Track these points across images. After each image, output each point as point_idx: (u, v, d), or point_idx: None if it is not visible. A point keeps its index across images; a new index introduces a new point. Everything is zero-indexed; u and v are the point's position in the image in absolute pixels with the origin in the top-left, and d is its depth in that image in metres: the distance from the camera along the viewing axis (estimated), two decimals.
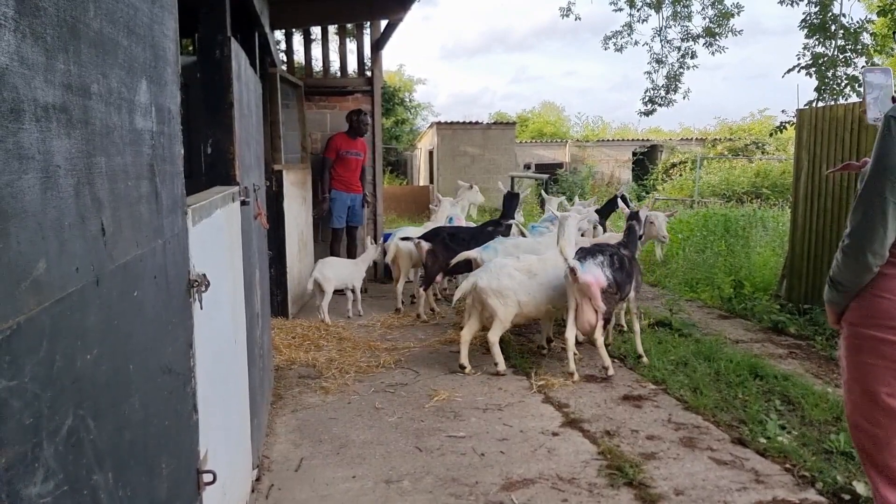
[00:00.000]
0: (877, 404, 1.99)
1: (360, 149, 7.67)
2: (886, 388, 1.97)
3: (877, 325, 1.98)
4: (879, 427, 2.00)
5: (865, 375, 2.01)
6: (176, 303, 1.53)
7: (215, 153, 2.82)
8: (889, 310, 1.94)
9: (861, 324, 2.03)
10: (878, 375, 1.98)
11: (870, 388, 2.00)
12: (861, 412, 2.06)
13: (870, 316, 2.00)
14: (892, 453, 1.98)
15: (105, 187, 1.04)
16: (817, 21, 8.58)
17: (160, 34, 1.45)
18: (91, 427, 0.96)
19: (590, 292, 4.45)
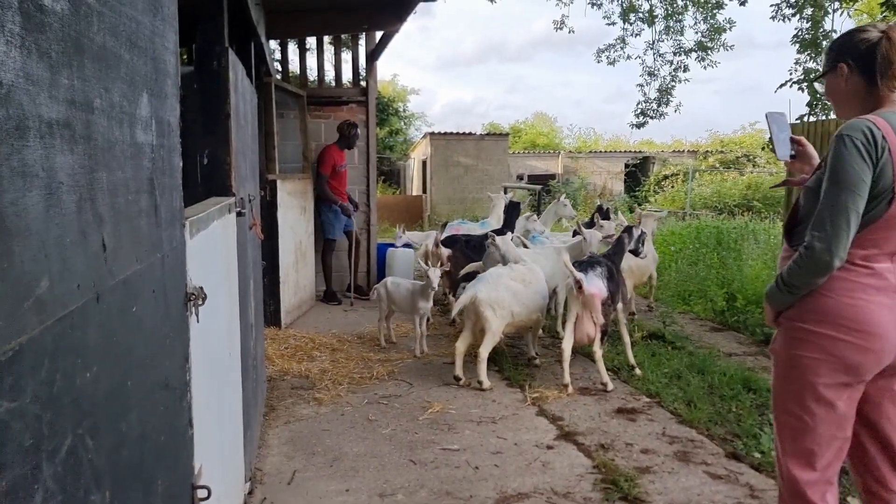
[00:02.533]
0: (813, 394, 2.13)
1: (345, 161, 7.80)
2: (823, 380, 2.11)
3: (818, 321, 2.12)
4: (810, 415, 2.15)
5: (805, 368, 2.15)
6: (173, 317, 1.52)
7: (212, 164, 2.81)
8: (831, 307, 2.09)
9: (803, 319, 2.15)
10: (816, 368, 2.12)
11: (808, 379, 2.14)
12: (794, 400, 2.19)
13: (812, 312, 2.13)
14: (814, 439, 2.14)
15: (106, 202, 1.04)
16: (809, 37, 8.66)
17: (161, 47, 1.45)
18: (90, 446, 0.94)
19: (593, 304, 4.48)
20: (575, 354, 5.37)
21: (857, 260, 2.08)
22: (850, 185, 2.01)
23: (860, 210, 2.02)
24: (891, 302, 2.07)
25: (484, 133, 21.72)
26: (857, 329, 2.06)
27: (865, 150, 2.00)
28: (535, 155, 26.46)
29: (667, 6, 12.35)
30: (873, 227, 2.05)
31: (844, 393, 2.12)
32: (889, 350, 2.08)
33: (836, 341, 2.08)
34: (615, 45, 13.26)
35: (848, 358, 2.08)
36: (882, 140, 2.00)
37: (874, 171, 2.00)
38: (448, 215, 17.53)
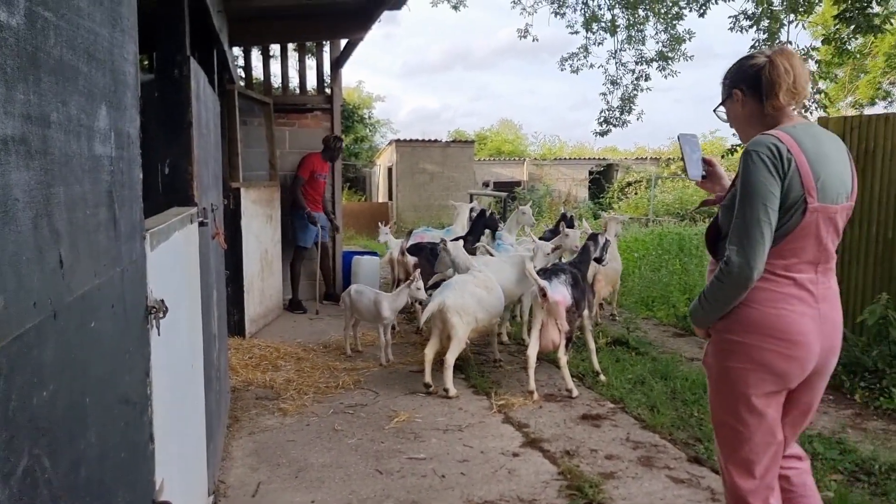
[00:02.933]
0: (746, 405, 2.18)
1: (327, 172, 7.81)
2: (755, 390, 2.16)
3: (745, 331, 2.17)
4: (745, 425, 2.19)
5: (736, 379, 2.19)
6: (133, 331, 1.50)
7: (173, 173, 2.77)
8: (756, 318, 2.15)
9: (731, 331, 2.20)
10: (747, 379, 2.17)
11: (740, 390, 2.18)
12: (730, 412, 2.23)
13: (739, 323, 2.18)
14: (751, 448, 2.20)
15: (63, 218, 1.02)
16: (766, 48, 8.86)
17: (120, 58, 1.43)
18: (47, 466, 0.93)
19: (557, 312, 4.53)
20: (540, 361, 5.41)
21: (778, 271, 2.14)
22: (760, 198, 2.09)
23: (772, 221, 2.09)
24: (813, 311, 2.14)
25: (450, 140, 21.81)
26: (782, 338, 2.12)
27: (772, 164, 2.08)
28: (501, 162, 26.61)
29: (628, 16, 12.55)
30: (790, 237, 2.12)
31: (773, 400, 2.19)
32: (812, 357, 2.15)
33: (762, 350, 2.14)
34: (578, 53, 13.41)
35: (775, 366, 2.14)
36: (787, 153, 2.08)
37: (783, 184, 2.09)
38: (414, 222, 17.53)
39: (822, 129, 2.26)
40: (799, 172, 2.08)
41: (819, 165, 2.10)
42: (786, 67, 2.18)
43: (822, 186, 2.10)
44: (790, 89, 2.18)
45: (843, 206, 2.16)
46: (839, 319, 2.23)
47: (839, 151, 2.21)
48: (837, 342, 2.23)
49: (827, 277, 2.19)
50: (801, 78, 2.20)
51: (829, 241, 2.15)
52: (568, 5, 13.08)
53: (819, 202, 2.09)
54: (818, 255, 2.15)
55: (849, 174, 2.20)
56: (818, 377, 2.23)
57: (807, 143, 2.12)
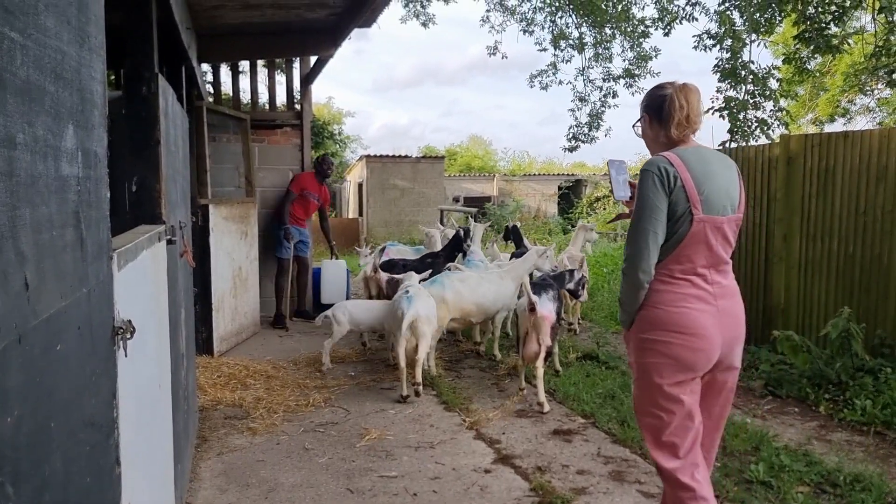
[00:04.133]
0: (662, 394, 2.45)
1: (321, 194, 7.87)
2: (668, 380, 2.43)
3: (654, 329, 2.45)
4: (664, 412, 2.46)
5: (651, 372, 2.46)
6: (100, 353, 1.48)
7: (141, 191, 2.75)
8: (662, 317, 2.44)
9: (643, 331, 2.49)
10: (661, 371, 2.44)
11: (656, 381, 2.45)
12: (649, 402, 2.50)
13: (649, 323, 2.47)
14: (672, 432, 2.45)
15: (29, 240, 1.01)
16: (728, 66, 9.06)
17: (88, 77, 1.42)
18: (10, 493, 0.91)
19: (542, 326, 4.66)
20: (512, 377, 5.44)
21: (677, 274, 2.44)
22: (647, 211, 2.41)
23: (658, 231, 2.40)
24: (711, 307, 2.43)
25: (420, 156, 21.84)
26: (685, 333, 2.41)
27: (660, 182, 2.39)
28: (471, 178, 26.74)
29: (595, 34, 12.75)
30: (683, 244, 2.41)
31: (686, 388, 2.45)
32: (714, 348, 2.43)
33: (670, 345, 2.42)
34: (547, 70, 13.59)
35: (682, 358, 2.41)
36: (674, 173, 2.39)
37: (669, 199, 2.39)
38: (385, 237, 17.50)
39: (713, 151, 2.57)
40: (684, 189, 2.38)
41: (703, 183, 2.40)
42: (681, 103, 2.49)
43: (707, 200, 2.39)
44: (681, 122, 2.51)
45: (729, 218, 2.45)
46: (740, 312, 2.52)
47: (727, 170, 2.50)
48: (740, 332, 2.52)
49: (723, 277, 2.49)
50: (694, 112, 2.51)
51: (719, 247, 2.44)
52: (536, 24, 13.27)
53: (704, 214, 2.39)
54: (711, 259, 2.44)
55: (736, 189, 2.49)
56: (727, 365, 2.51)
57: (693, 164, 2.42)
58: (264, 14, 6.15)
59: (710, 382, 2.54)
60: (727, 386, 2.57)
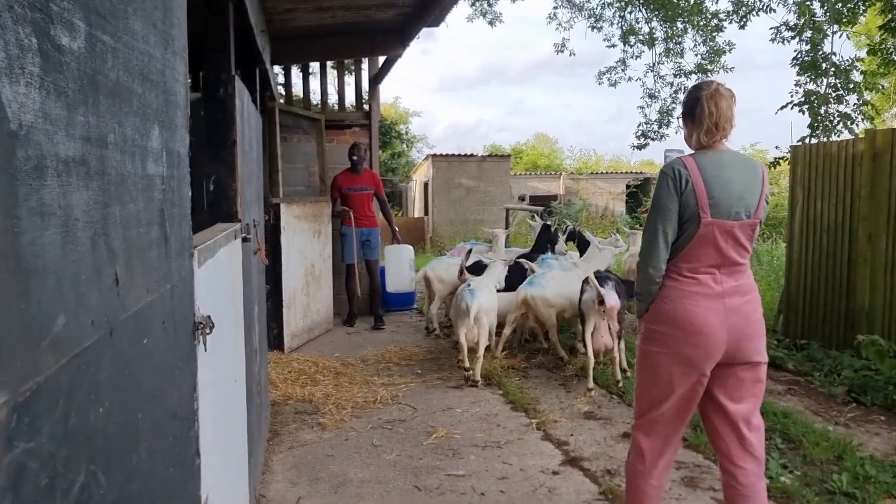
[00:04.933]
0: (657, 382, 2.61)
1: (364, 183, 7.55)
2: (665, 370, 2.58)
3: (660, 322, 2.60)
4: (656, 397, 2.63)
5: (652, 359, 2.63)
6: (182, 347, 1.52)
7: (218, 190, 2.82)
8: (667, 311, 2.57)
9: (650, 321, 2.65)
10: (659, 359, 2.60)
11: (655, 370, 2.62)
12: (646, 385, 2.67)
13: (656, 315, 2.62)
14: (656, 417, 2.63)
15: (119, 236, 1.04)
16: (808, 59, 8.71)
17: (172, 79, 1.46)
18: (101, 482, 0.94)
19: (612, 315, 4.95)
20: (579, 378, 5.37)
21: (685, 272, 2.56)
22: (660, 211, 2.56)
23: (668, 231, 2.54)
24: (717, 306, 2.51)
25: (486, 155, 21.78)
26: (687, 328, 2.52)
27: (673, 184, 2.52)
28: (537, 176, 26.53)
29: (666, 29, 12.46)
30: (691, 244, 2.53)
31: (684, 381, 2.56)
32: (716, 345, 2.51)
33: (672, 338, 2.55)
34: (616, 67, 13.36)
35: (682, 351, 2.53)
36: (687, 176, 2.50)
37: (680, 201, 2.51)
38: (450, 237, 17.56)
39: (737, 156, 2.63)
40: (695, 192, 2.49)
41: (714, 188, 2.49)
42: (710, 110, 2.55)
43: (715, 204, 2.49)
44: (710, 129, 2.56)
45: (742, 223, 2.52)
46: (750, 311, 2.56)
47: (747, 175, 2.55)
48: (750, 331, 2.55)
49: (733, 278, 2.55)
50: (724, 118, 2.56)
51: (730, 249, 2.52)
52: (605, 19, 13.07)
53: (713, 217, 2.49)
54: (719, 260, 2.53)
55: (755, 195, 2.54)
56: (741, 360, 2.56)
57: (707, 168, 2.52)
58: (335, 16, 6.25)
59: (731, 378, 2.60)
60: (748, 380, 2.61)
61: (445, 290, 7.03)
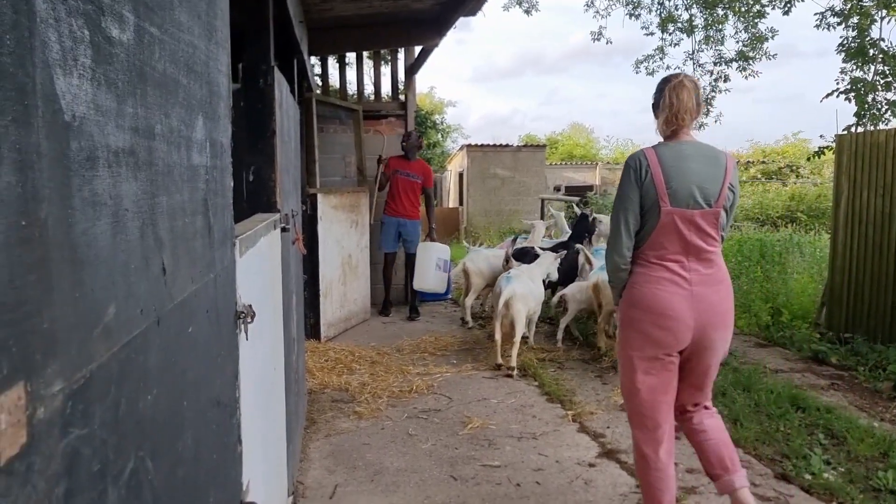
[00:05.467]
0: (632, 364, 2.71)
1: (415, 171, 7.52)
2: (638, 353, 2.69)
3: (632, 307, 2.71)
4: (634, 379, 2.71)
5: (628, 342, 2.73)
6: (224, 335, 1.54)
7: (257, 181, 2.85)
8: (637, 295, 2.68)
9: (623, 307, 2.77)
10: (633, 342, 2.70)
11: (629, 352, 2.72)
12: (625, 369, 2.76)
13: (629, 300, 2.73)
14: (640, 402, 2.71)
15: (166, 226, 1.05)
16: (855, 45, 8.46)
17: (215, 70, 1.47)
18: (150, 468, 0.95)
19: None
20: (614, 370, 5.32)
21: (652, 259, 2.67)
22: (621, 200, 2.68)
23: (630, 219, 2.65)
24: (684, 292, 2.61)
25: (521, 145, 21.64)
26: (655, 312, 2.62)
27: (634, 174, 2.64)
28: (572, 166, 26.32)
29: (706, 16, 12.22)
30: (655, 233, 2.62)
31: (657, 363, 2.66)
32: (684, 329, 2.61)
33: (642, 322, 2.66)
34: (654, 55, 13.17)
35: (652, 334, 2.64)
36: (647, 166, 2.61)
37: (640, 190, 2.62)
38: (485, 227, 17.53)
39: (700, 146, 2.69)
40: (654, 183, 2.59)
41: (673, 178, 2.58)
42: (671, 101, 2.67)
43: (674, 193, 2.58)
44: (669, 119, 2.68)
45: (703, 211, 2.59)
46: (718, 300, 2.63)
47: (709, 167, 2.63)
48: (717, 319, 2.62)
49: (704, 265, 2.63)
50: (683, 109, 2.66)
51: (693, 237, 2.60)
52: (643, 6, 12.87)
53: (672, 206, 2.58)
54: (685, 248, 2.62)
55: (716, 185, 2.61)
56: (705, 347, 2.66)
57: (667, 159, 2.61)
58: (372, 5, 6.26)
59: (696, 364, 2.72)
60: (711, 367, 2.75)
61: (482, 283, 7.02)
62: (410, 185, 7.49)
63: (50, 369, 0.62)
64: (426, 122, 24.33)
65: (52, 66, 0.66)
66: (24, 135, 0.60)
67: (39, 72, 0.64)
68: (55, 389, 0.63)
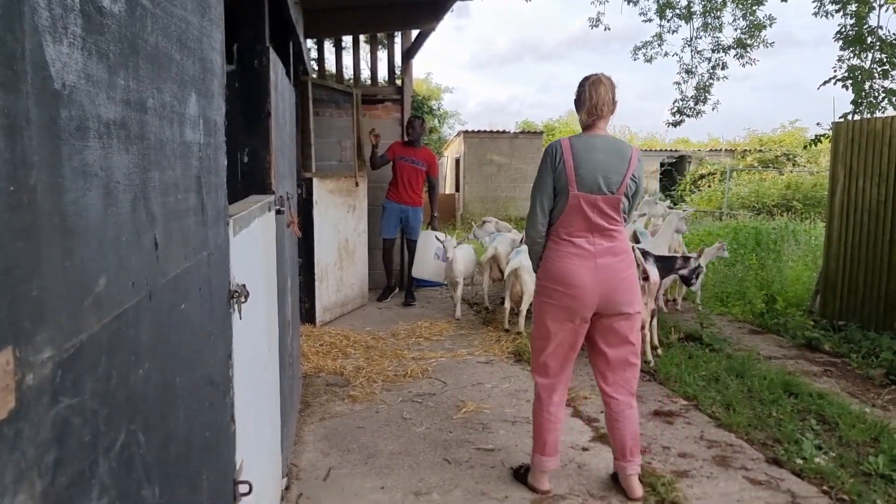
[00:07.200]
0: (544, 327, 3.11)
1: (419, 157, 7.46)
2: (550, 318, 3.08)
3: (545, 277, 3.11)
4: (543, 340, 3.13)
5: (541, 309, 3.13)
6: (218, 314, 1.54)
7: (252, 162, 2.83)
8: (549, 268, 3.08)
9: (540, 277, 3.15)
10: (546, 309, 3.10)
11: (542, 318, 3.12)
12: (538, 331, 3.16)
13: (543, 272, 3.13)
14: (547, 356, 3.13)
15: (158, 201, 1.05)
16: (853, 33, 8.44)
17: (209, 47, 1.46)
18: (142, 442, 0.95)
19: (652, 290, 5.08)
20: None
21: (563, 236, 3.04)
22: (539, 185, 3.08)
23: (545, 200, 3.05)
24: (589, 264, 2.99)
25: (518, 131, 21.59)
26: (565, 282, 3.01)
27: (550, 162, 3.02)
28: None
29: (705, 3, 12.16)
30: (565, 213, 3.00)
31: (566, 325, 3.05)
32: (589, 297, 2.98)
33: (553, 291, 3.05)
34: (652, 42, 13.10)
35: (561, 302, 3.03)
36: (561, 154, 2.99)
37: (554, 176, 3.01)
38: (481, 214, 17.50)
39: (608, 139, 3.04)
40: (565, 170, 2.97)
41: (581, 166, 2.95)
42: (590, 94, 3.04)
43: (581, 180, 2.95)
44: (590, 110, 3.05)
45: (606, 197, 2.95)
46: (620, 269, 3.00)
47: (615, 158, 2.98)
48: (620, 286, 2.99)
49: (607, 240, 3.01)
50: (601, 102, 3.03)
51: (597, 218, 2.97)
52: None
53: (579, 191, 2.95)
54: (589, 227, 2.99)
55: (619, 174, 2.96)
56: (613, 310, 3.02)
57: (578, 148, 2.98)
58: None
59: (605, 326, 3.07)
60: (622, 329, 3.06)
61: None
62: (415, 173, 7.46)
63: (39, 337, 0.62)
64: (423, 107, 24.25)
65: (42, 33, 0.66)
66: (13, 100, 0.60)
67: (28, 38, 0.63)
68: (44, 357, 0.63)
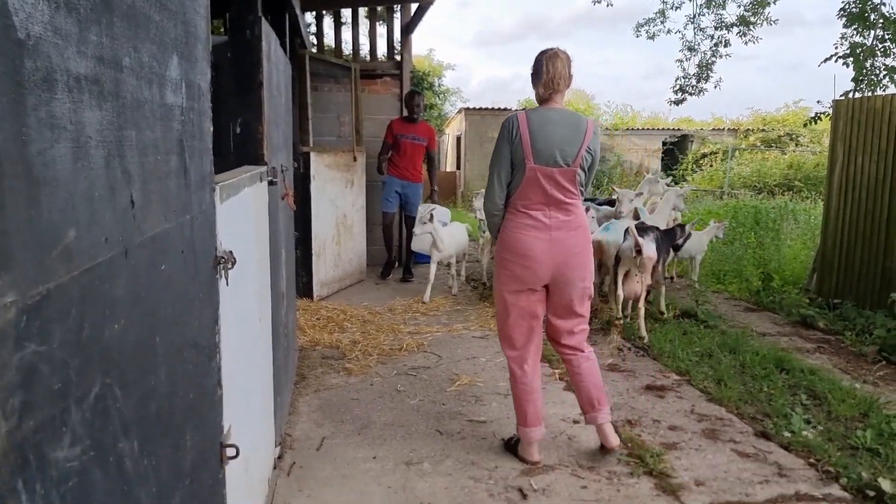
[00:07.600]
0: (502, 297, 3.19)
1: (419, 133, 7.40)
2: (506, 287, 3.16)
3: (501, 248, 3.16)
4: (503, 310, 3.21)
5: (498, 278, 3.20)
6: (203, 278, 1.55)
7: (244, 133, 2.83)
8: (505, 239, 3.14)
9: (498, 249, 3.20)
10: (502, 279, 3.17)
11: (499, 287, 3.20)
12: (498, 301, 3.24)
13: (500, 243, 3.19)
14: (509, 326, 3.20)
15: (135, 161, 1.05)
16: (856, 10, 8.35)
17: (192, 10, 1.46)
18: (118, 395, 0.97)
19: (647, 266, 5.07)
20: (605, 332, 5.37)
21: (520, 208, 3.08)
22: (496, 158, 3.10)
23: (502, 173, 3.08)
24: (543, 236, 3.05)
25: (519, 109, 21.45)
26: (519, 253, 3.08)
27: (507, 135, 3.04)
28: None
29: None
30: (522, 186, 3.04)
31: (522, 296, 3.14)
32: (543, 268, 3.06)
33: (508, 261, 3.12)
34: (655, 19, 12.97)
35: (515, 272, 3.10)
36: (517, 128, 3.01)
37: (511, 149, 3.03)
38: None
39: (565, 112, 3.06)
40: (521, 143, 2.99)
41: (537, 139, 2.97)
42: (547, 68, 3.03)
43: (537, 153, 2.98)
44: (547, 84, 3.05)
45: (562, 169, 2.99)
46: (574, 242, 3.07)
47: (571, 130, 3.00)
48: (571, 259, 3.07)
49: (563, 213, 3.06)
50: (558, 76, 3.04)
51: (553, 190, 3.01)
52: None
53: (535, 164, 2.98)
54: (546, 199, 3.03)
55: (575, 147, 2.99)
56: (563, 283, 3.11)
57: (535, 122, 3.00)
58: None
59: (559, 298, 3.16)
60: (569, 302, 3.16)
61: None
62: (415, 148, 7.41)
63: (1, 280, 0.63)
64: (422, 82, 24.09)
65: None
66: None
67: None
68: (7, 301, 0.64)
